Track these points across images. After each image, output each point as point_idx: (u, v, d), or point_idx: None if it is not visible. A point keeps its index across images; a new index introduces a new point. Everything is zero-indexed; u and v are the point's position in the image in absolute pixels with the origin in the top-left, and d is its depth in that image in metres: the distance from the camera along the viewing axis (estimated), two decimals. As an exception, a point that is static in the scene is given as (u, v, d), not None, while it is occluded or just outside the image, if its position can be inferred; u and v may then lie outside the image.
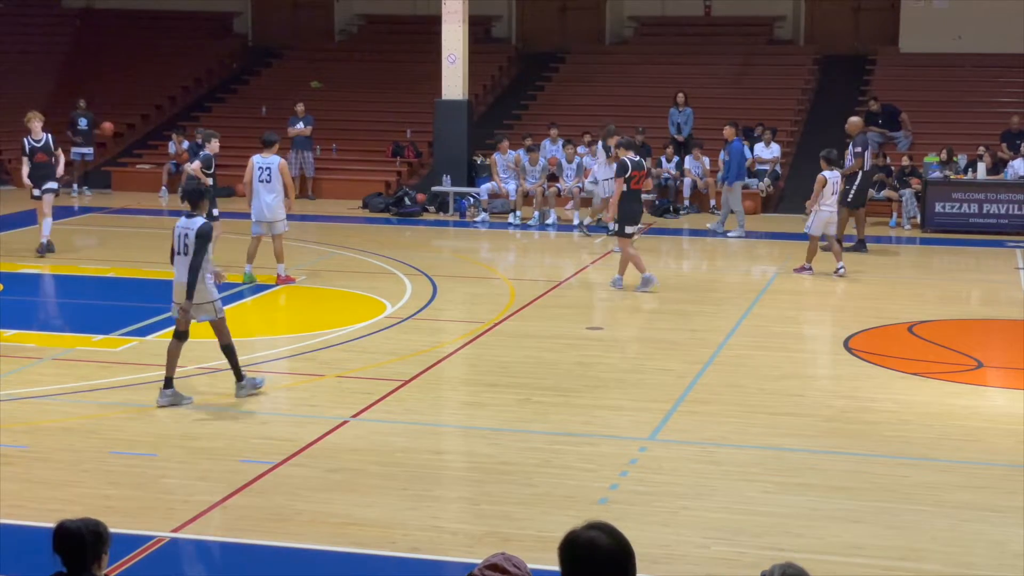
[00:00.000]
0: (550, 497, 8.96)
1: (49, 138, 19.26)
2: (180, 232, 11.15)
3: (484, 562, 4.05)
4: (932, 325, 14.92)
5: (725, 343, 13.72)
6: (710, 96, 27.14)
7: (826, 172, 17.69)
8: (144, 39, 32.08)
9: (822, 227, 17.69)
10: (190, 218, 11.17)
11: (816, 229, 17.71)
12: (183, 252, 11.11)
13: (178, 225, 11.20)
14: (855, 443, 10.31)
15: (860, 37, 30.19)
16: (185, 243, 11.10)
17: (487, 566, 4.02)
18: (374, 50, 31.18)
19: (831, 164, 17.88)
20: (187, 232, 11.09)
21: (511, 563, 4.02)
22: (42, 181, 18.91)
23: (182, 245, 11.12)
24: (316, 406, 11.28)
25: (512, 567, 4.01)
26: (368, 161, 27.11)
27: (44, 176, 18.98)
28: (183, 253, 11.11)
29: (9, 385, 11.75)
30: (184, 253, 11.10)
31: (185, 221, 11.17)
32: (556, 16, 32.23)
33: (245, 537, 8.28)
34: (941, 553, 8.09)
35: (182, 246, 11.12)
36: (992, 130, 24.41)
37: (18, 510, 8.62)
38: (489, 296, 16.39)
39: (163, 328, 14.10)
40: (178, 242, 11.16)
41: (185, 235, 11.10)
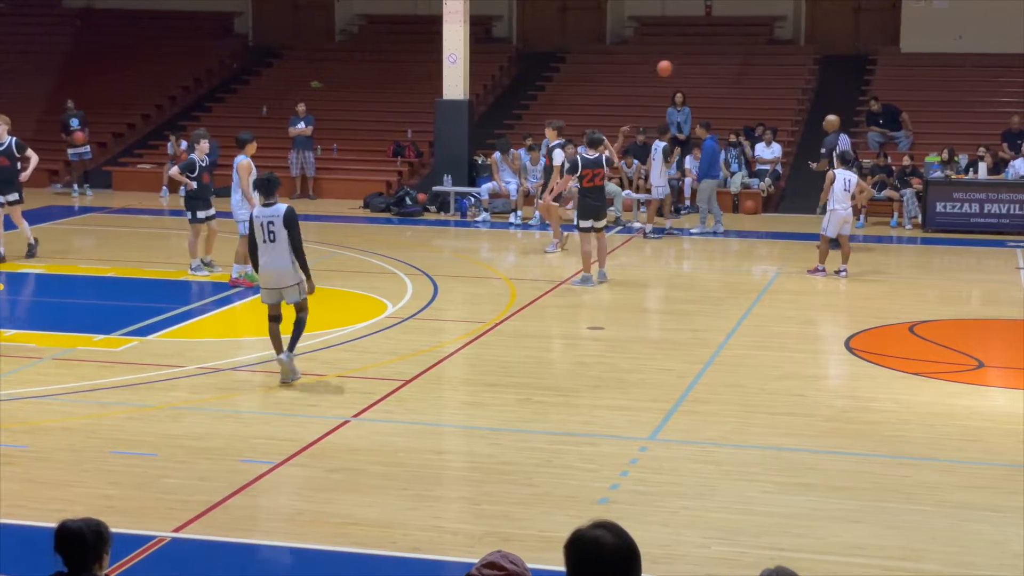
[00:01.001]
0: (551, 497, 8.96)
1: (12, 141, 18.13)
2: (263, 221, 11.63)
3: (481, 561, 4.05)
4: (933, 325, 14.92)
5: (726, 343, 13.73)
6: (711, 96, 27.13)
7: (837, 170, 17.68)
8: (144, 39, 32.08)
9: (838, 227, 17.65)
10: (268, 207, 11.64)
11: (832, 230, 17.67)
12: (269, 240, 11.61)
13: (257, 215, 11.71)
14: (855, 443, 10.32)
15: (861, 37, 30.19)
16: (271, 230, 11.59)
17: (485, 564, 4.02)
18: (375, 50, 31.18)
19: (845, 163, 17.88)
20: (272, 220, 11.59)
21: (508, 560, 4.03)
22: (2, 188, 17.96)
23: (267, 233, 11.60)
24: (317, 406, 11.28)
25: (509, 563, 4.01)
26: (369, 161, 27.11)
27: (3, 182, 17.96)
28: (270, 240, 11.61)
29: (10, 385, 11.76)
30: (271, 240, 11.61)
31: (263, 210, 11.66)
32: (557, 16, 32.23)
33: (246, 537, 8.28)
34: (941, 553, 8.09)
35: (267, 234, 11.60)
36: (993, 130, 24.41)
37: (19, 510, 8.62)
38: (490, 296, 16.40)
39: (164, 328, 14.12)
40: (262, 231, 11.62)
41: (270, 223, 11.59)
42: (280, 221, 11.60)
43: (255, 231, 11.74)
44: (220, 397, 11.62)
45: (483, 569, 4.01)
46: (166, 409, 11.08)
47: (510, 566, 4.00)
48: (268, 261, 11.72)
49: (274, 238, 11.62)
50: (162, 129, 29.08)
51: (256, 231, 11.71)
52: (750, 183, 24.51)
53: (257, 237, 11.72)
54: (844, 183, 17.59)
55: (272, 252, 11.66)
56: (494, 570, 3.99)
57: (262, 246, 11.70)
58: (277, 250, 11.65)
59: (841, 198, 17.57)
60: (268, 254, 11.69)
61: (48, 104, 30.17)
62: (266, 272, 11.81)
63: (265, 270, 11.82)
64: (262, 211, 11.70)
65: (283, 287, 11.80)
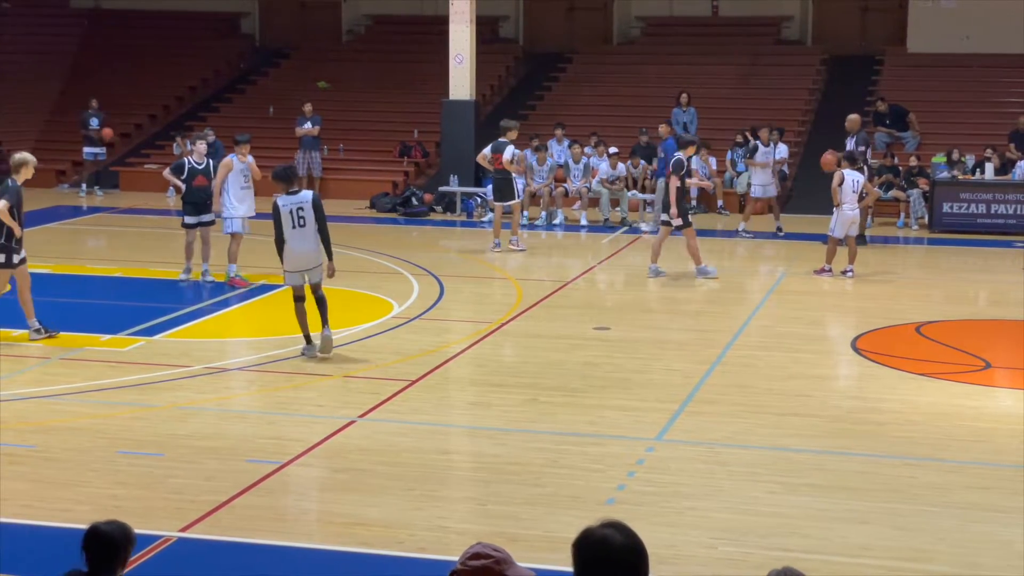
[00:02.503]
0: (557, 497, 8.96)
1: None
2: (292, 208, 12.41)
3: (465, 554, 4.03)
4: (939, 325, 14.90)
5: (732, 343, 13.72)
6: (717, 96, 27.13)
7: (845, 171, 17.65)
8: (152, 39, 32.12)
9: (845, 227, 17.63)
10: (293, 195, 12.47)
11: (839, 230, 17.65)
12: (300, 225, 12.42)
13: (285, 203, 12.41)
14: (862, 444, 10.30)
15: (868, 37, 30.15)
16: (301, 215, 12.40)
17: (470, 556, 4.01)
18: (381, 50, 31.18)
19: (853, 163, 17.87)
20: (301, 206, 12.43)
21: (491, 548, 4.02)
22: None
23: (297, 219, 12.41)
24: (323, 406, 11.29)
25: (493, 551, 4.00)
26: (375, 161, 27.12)
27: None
28: (300, 226, 12.42)
29: (17, 385, 11.77)
30: (301, 226, 12.42)
31: (289, 198, 12.43)
32: (563, 16, 32.23)
33: (252, 537, 8.29)
34: (948, 554, 8.08)
35: (298, 220, 12.41)
36: (1000, 130, 24.36)
37: (26, 510, 8.63)
38: (496, 296, 16.40)
39: (171, 328, 14.13)
40: (292, 218, 12.40)
41: (300, 208, 12.42)
42: (309, 206, 12.46)
43: (283, 219, 12.39)
44: (227, 397, 11.63)
45: (469, 561, 3.99)
46: (173, 409, 11.09)
47: (496, 553, 4.00)
48: (298, 246, 12.49)
49: (304, 223, 12.45)
50: (169, 129, 29.11)
51: (284, 219, 12.40)
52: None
53: (285, 224, 12.41)
54: (852, 183, 17.57)
55: (302, 237, 12.48)
56: (480, 560, 3.98)
57: (292, 232, 12.44)
58: (307, 234, 12.50)
59: (850, 198, 17.56)
60: (298, 239, 12.48)
61: (55, 104, 30.24)
62: (297, 256, 12.54)
63: (295, 254, 12.54)
64: (289, 199, 12.45)
65: (310, 268, 12.63)
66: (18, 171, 13.57)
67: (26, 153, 14.00)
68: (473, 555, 4.00)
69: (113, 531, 5.13)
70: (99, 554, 5.09)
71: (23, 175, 13.57)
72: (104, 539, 5.10)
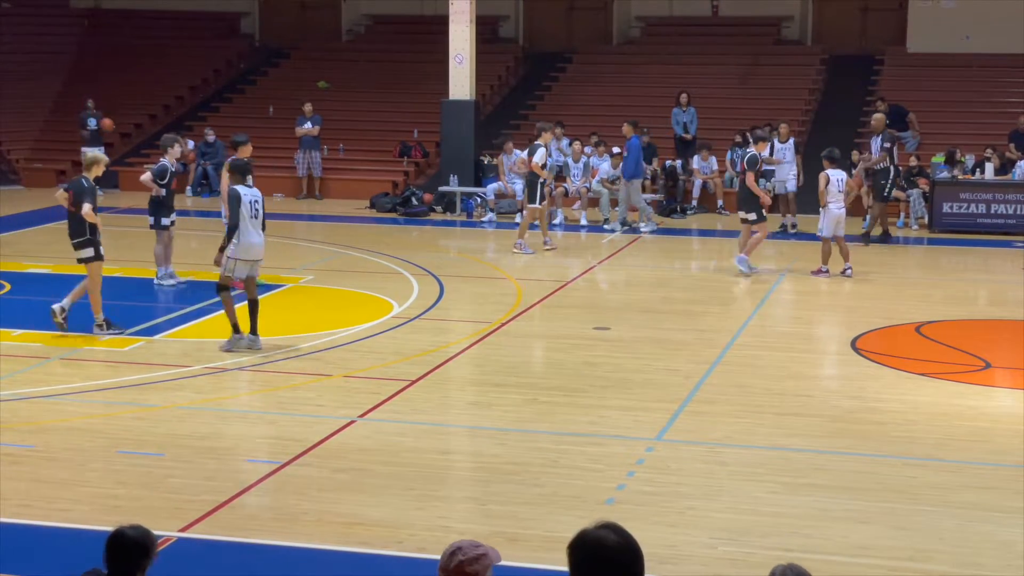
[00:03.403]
0: (557, 497, 8.95)
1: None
2: (250, 200, 12.90)
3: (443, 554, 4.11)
4: (939, 325, 14.90)
5: (732, 343, 13.72)
6: (717, 96, 27.13)
7: (828, 170, 17.70)
8: (152, 39, 32.14)
9: (832, 226, 17.66)
10: (251, 187, 13.02)
11: (827, 230, 17.69)
12: (255, 217, 12.91)
13: (245, 194, 12.87)
14: (862, 443, 10.30)
15: (868, 37, 30.15)
16: (256, 208, 12.92)
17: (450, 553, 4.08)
18: (381, 50, 31.20)
19: (834, 163, 17.89)
20: (257, 199, 12.99)
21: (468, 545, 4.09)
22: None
23: (253, 211, 12.88)
24: (323, 406, 11.28)
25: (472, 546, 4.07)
26: (375, 161, 27.12)
27: None
28: (255, 218, 12.91)
29: (17, 385, 11.77)
30: (256, 218, 12.93)
31: (248, 190, 12.94)
32: (563, 16, 32.23)
33: (252, 537, 8.28)
34: (948, 554, 8.08)
35: (253, 211, 12.88)
36: (1000, 130, 24.37)
37: (26, 509, 8.63)
38: (496, 296, 16.40)
39: (170, 328, 14.13)
40: (250, 208, 12.85)
41: (256, 202, 12.96)
42: (262, 202, 13.06)
43: (243, 209, 12.82)
44: (226, 397, 11.63)
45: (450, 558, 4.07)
46: (172, 409, 11.09)
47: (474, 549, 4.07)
48: (255, 237, 12.98)
49: (258, 216, 12.98)
50: (169, 129, 29.05)
51: (245, 209, 12.83)
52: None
53: (246, 213, 12.84)
54: (837, 182, 17.68)
55: (257, 229, 12.97)
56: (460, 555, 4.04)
57: (252, 222, 12.89)
58: (259, 227, 13.02)
59: (835, 197, 17.65)
60: (254, 231, 12.94)
61: (55, 104, 30.24)
62: (253, 247, 12.99)
63: (252, 245, 12.97)
64: (248, 191, 12.96)
65: (258, 261, 13.15)
66: (90, 169, 13.86)
67: (98, 151, 14.20)
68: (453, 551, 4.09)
69: (141, 537, 5.13)
70: (123, 560, 5.08)
71: (94, 172, 13.85)
72: (129, 545, 5.10)
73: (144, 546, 5.12)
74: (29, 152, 28.93)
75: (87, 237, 13.65)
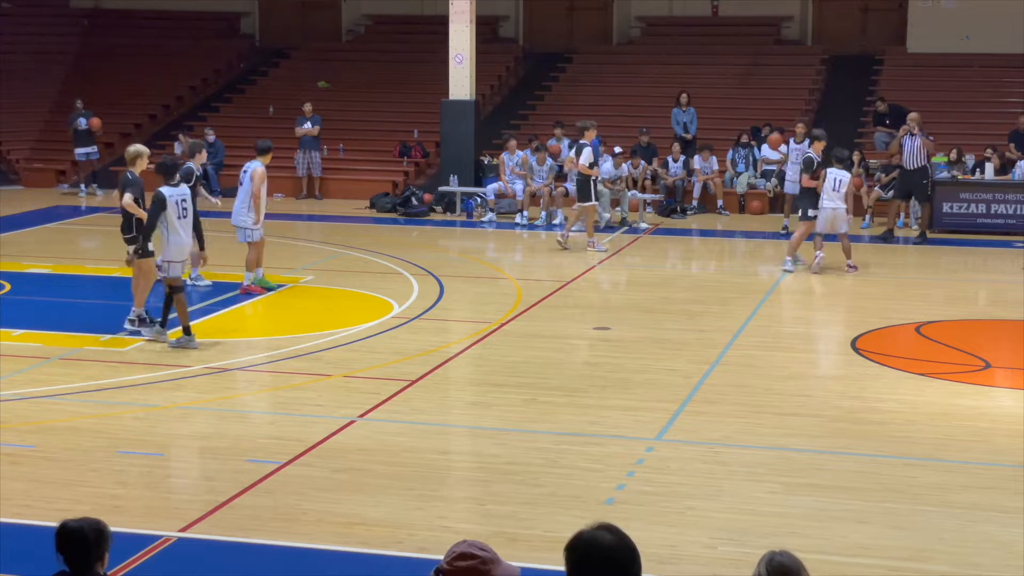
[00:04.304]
0: (556, 497, 8.96)
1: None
2: (176, 199, 13.01)
3: (450, 554, 4.02)
4: (939, 325, 14.90)
5: (732, 343, 13.72)
6: (717, 96, 27.13)
7: (828, 169, 17.86)
8: (152, 39, 32.12)
9: (824, 224, 17.86)
10: (177, 187, 13.10)
11: (820, 226, 17.83)
12: (183, 216, 13.03)
13: (170, 195, 12.97)
14: (862, 443, 10.30)
15: (868, 37, 30.14)
16: (184, 207, 13.05)
17: (456, 557, 3.99)
18: (381, 50, 31.19)
19: (841, 163, 18.02)
20: (184, 198, 13.08)
21: (477, 547, 4.00)
22: None
23: (181, 210, 13.01)
24: (323, 406, 11.29)
25: (479, 551, 3.99)
26: (375, 161, 27.11)
27: None
28: (184, 217, 13.03)
29: (16, 385, 11.77)
30: (185, 217, 13.04)
31: (175, 190, 13.03)
32: (563, 16, 32.22)
33: (252, 537, 8.29)
34: (948, 554, 8.08)
35: (181, 211, 13.01)
36: (1000, 130, 24.36)
37: (26, 510, 8.64)
38: (496, 296, 16.40)
39: (170, 328, 14.12)
40: (176, 208, 12.97)
41: (183, 200, 13.06)
42: (190, 199, 13.19)
43: (169, 210, 12.95)
44: (226, 397, 11.63)
45: (455, 562, 3.97)
46: (173, 409, 11.09)
47: (482, 552, 3.98)
48: (184, 237, 13.09)
49: (187, 215, 13.13)
50: (169, 129, 29.11)
51: (171, 209, 12.97)
52: (756, 183, 24.50)
53: (172, 214, 12.97)
54: (834, 181, 17.77)
55: (185, 228, 13.10)
56: (467, 560, 3.96)
57: (179, 222, 13.02)
58: (188, 226, 13.15)
59: (830, 196, 17.75)
60: (184, 230, 13.08)
61: (55, 104, 30.23)
62: (182, 246, 13.13)
63: (182, 245, 13.12)
64: (173, 191, 13.06)
65: (187, 260, 13.35)
66: (134, 163, 14.01)
67: (140, 145, 14.28)
68: (459, 555, 3.98)
69: (82, 527, 5.11)
70: (73, 552, 5.07)
71: (139, 166, 14.00)
72: (73, 536, 5.09)
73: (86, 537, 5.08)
74: (29, 152, 28.93)
75: (134, 234, 13.76)
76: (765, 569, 4.47)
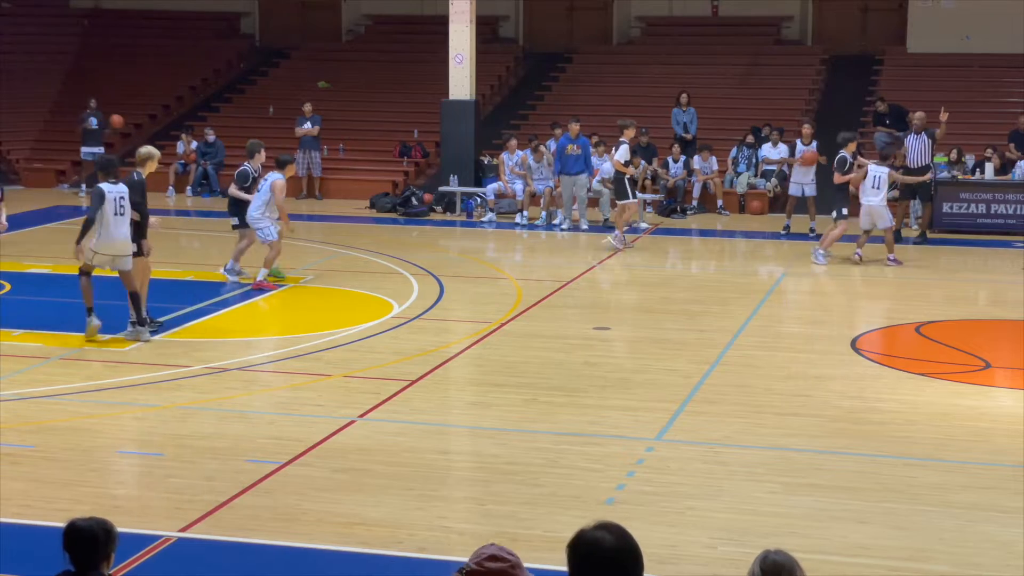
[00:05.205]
0: (556, 497, 8.96)
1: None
2: (115, 196, 13.16)
3: (479, 555, 4.02)
4: (939, 325, 14.90)
5: (732, 343, 13.72)
6: (717, 96, 27.13)
7: (870, 167, 18.48)
8: (152, 39, 32.12)
9: (867, 221, 18.39)
10: (115, 184, 13.24)
11: (864, 223, 18.44)
12: (120, 213, 13.18)
13: (109, 191, 13.13)
14: (862, 443, 10.30)
15: (868, 37, 30.14)
16: (122, 204, 13.19)
17: (486, 558, 4.00)
18: (381, 50, 31.19)
19: (884, 160, 18.85)
20: (122, 195, 13.21)
21: (505, 551, 4.03)
22: None
23: (118, 207, 13.17)
24: (323, 406, 11.29)
25: (508, 554, 4.02)
26: (375, 161, 27.12)
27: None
28: (120, 214, 13.18)
29: (16, 385, 11.77)
30: (121, 214, 13.18)
31: (111, 187, 13.18)
32: (563, 16, 32.22)
33: (252, 537, 8.29)
34: (948, 554, 8.08)
35: (118, 207, 13.17)
36: (1000, 130, 24.36)
37: (26, 509, 8.64)
38: (496, 296, 16.40)
39: (171, 328, 14.14)
40: (114, 205, 13.14)
41: (121, 198, 13.19)
42: (127, 197, 13.23)
43: (107, 206, 13.07)
44: (226, 397, 11.63)
45: (486, 562, 3.99)
46: (172, 409, 11.09)
47: (511, 556, 4.01)
48: (116, 232, 13.18)
49: (123, 211, 13.21)
50: (169, 129, 29.13)
51: (108, 205, 13.09)
52: (756, 183, 24.50)
53: (109, 210, 13.08)
54: (874, 179, 18.39)
55: (121, 224, 13.19)
56: (498, 562, 3.99)
57: (114, 218, 13.13)
58: (123, 222, 13.22)
59: (870, 192, 18.34)
60: (118, 225, 13.19)
61: (55, 104, 30.24)
62: (112, 242, 13.19)
63: (112, 240, 13.18)
64: (112, 188, 13.19)
65: (122, 256, 13.27)
66: (144, 164, 14.05)
67: (152, 147, 14.28)
68: (490, 556, 4.01)
69: (92, 526, 5.11)
70: (81, 552, 5.07)
71: (148, 168, 14.07)
72: (82, 535, 5.09)
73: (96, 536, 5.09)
74: (29, 152, 28.93)
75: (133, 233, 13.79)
76: (759, 567, 4.47)
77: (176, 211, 24.97)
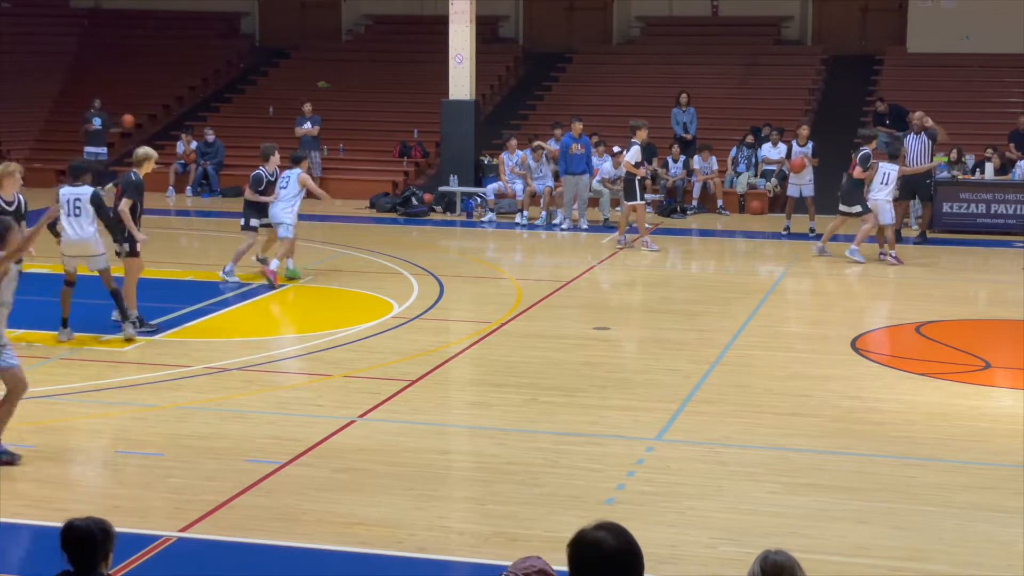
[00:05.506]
0: (557, 497, 8.95)
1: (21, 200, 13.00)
2: (69, 198, 13.25)
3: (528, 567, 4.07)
4: (939, 325, 14.90)
5: (732, 343, 13.72)
6: (717, 96, 27.13)
7: (881, 164, 18.85)
8: (151, 39, 32.14)
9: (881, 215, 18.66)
10: (75, 187, 13.32)
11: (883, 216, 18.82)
12: (74, 215, 13.24)
13: (63, 193, 13.30)
14: (862, 443, 10.30)
15: (868, 37, 30.15)
16: (77, 207, 13.24)
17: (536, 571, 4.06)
18: (381, 50, 31.20)
19: (892, 159, 19.15)
20: (78, 198, 13.25)
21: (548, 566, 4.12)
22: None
23: (72, 209, 13.25)
24: (323, 406, 11.29)
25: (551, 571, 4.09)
26: (375, 161, 27.12)
27: None
28: (74, 215, 13.23)
29: (17, 385, 11.75)
30: (76, 215, 13.24)
31: (69, 189, 13.32)
32: (563, 16, 32.23)
33: (252, 537, 8.28)
34: (948, 554, 8.08)
35: (72, 209, 13.24)
36: (1000, 130, 24.37)
37: (26, 509, 8.63)
38: (496, 296, 16.40)
39: (171, 328, 14.14)
40: (67, 207, 13.23)
41: (76, 200, 13.25)
42: (86, 200, 13.24)
43: (61, 207, 13.13)
44: (226, 397, 11.63)
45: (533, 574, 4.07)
46: (172, 409, 11.09)
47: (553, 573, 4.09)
48: (71, 233, 13.29)
49: (79, 213, 13.24)
50: (169, 129, 29.13)
51: (62, 207, 13.16)
52: (756, 183, 24.50)
53: (62, 212, 13.18)
54: (883, 176, 18.78)
55: (76, 226, 13.25)
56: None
57: (67, 219, 13.25)
58: (81, 224, 13.24)
59: (879, 188, 18.65)
60: (73, 227, 13.27)
61: (55, 104, 30.25)
62: (69, 243, 13.33)
63: (69, 240, 13.32)
64: (70, 190, 13.31)
65: (87, 256, 13.37)
66: (141, 164, 14.06)
67: (149, 148, 14.30)
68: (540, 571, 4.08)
69: (89, 526, 5.12)
70: (79, 552, 5.07)
71: (145, 168, 14.08)
72: (80, 535, 5.09)
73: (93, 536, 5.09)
74: (29, 152, 28.91)
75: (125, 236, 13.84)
76: (760, 567, 4.49)
77: (176, 211, 24.96)
